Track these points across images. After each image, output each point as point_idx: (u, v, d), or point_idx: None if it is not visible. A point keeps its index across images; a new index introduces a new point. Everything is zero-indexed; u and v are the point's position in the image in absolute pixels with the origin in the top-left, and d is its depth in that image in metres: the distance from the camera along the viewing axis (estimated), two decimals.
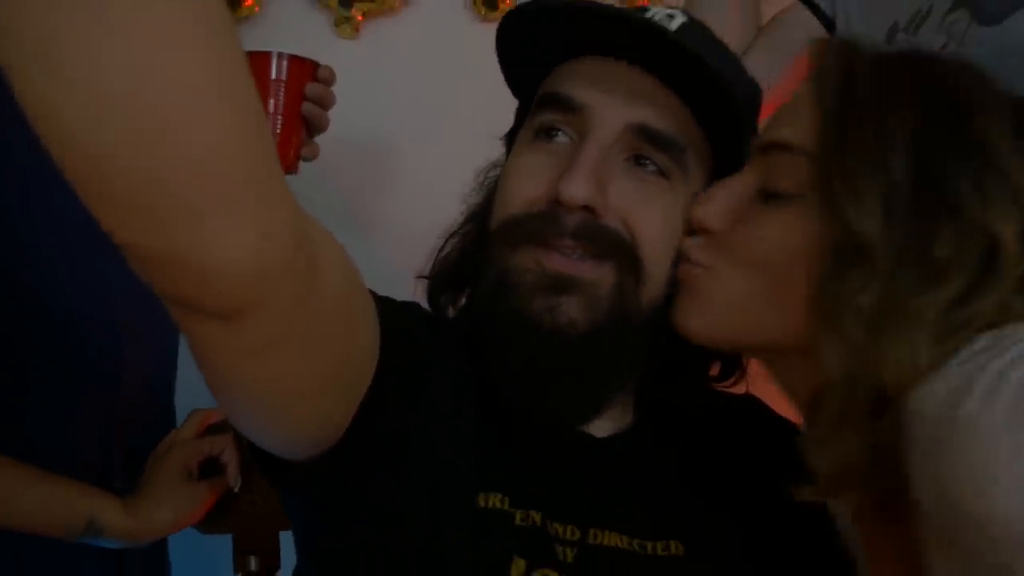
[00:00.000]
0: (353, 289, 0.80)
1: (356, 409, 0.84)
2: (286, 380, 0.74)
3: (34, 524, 1.20)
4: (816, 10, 1.33)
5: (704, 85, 0.88)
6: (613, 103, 0.90)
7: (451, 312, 1.03)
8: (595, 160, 0.89)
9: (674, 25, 0.90)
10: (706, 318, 0.85)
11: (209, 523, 1.35)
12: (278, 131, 1.32)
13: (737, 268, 0.83)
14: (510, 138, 1.01)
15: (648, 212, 0.90)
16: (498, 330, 0.90)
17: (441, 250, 1.04)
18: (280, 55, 1.32)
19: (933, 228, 0.76)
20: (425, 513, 0.87)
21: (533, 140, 0.93)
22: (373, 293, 0.88)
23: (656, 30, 0.87)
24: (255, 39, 1.78)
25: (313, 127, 1.36)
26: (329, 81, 1.35)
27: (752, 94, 0.97)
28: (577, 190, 0.87)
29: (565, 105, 0.91)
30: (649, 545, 0.91)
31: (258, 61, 1.31)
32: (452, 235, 1.03)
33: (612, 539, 0.91)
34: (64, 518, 1.23)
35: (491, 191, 0.98)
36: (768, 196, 0.83)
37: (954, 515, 0.67)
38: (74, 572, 1.29)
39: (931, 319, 0.74)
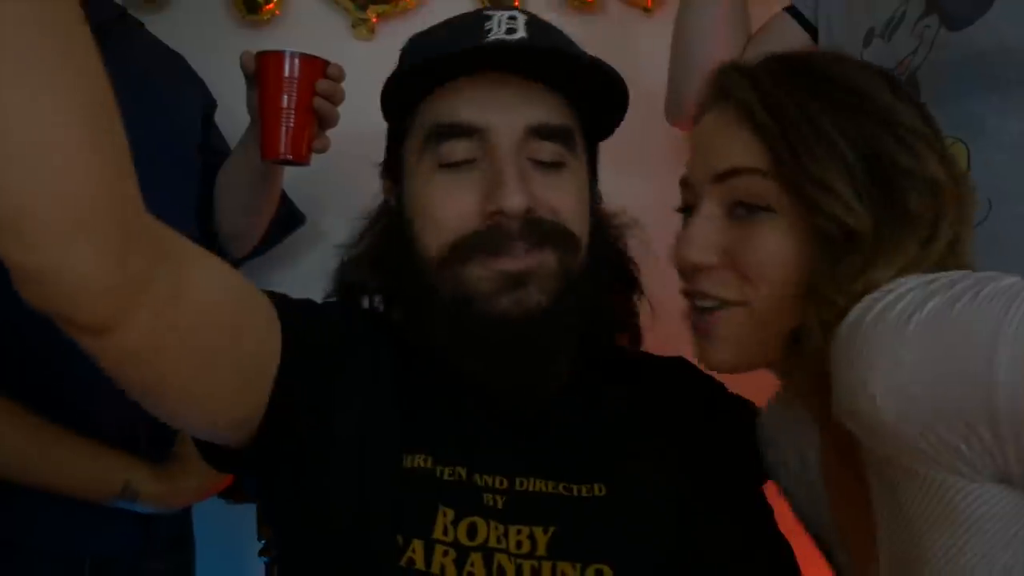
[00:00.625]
0: (235, 299, 0.91)
1: (267, 398, 0.97)
2: (169, 382, 0.84)
3: (74, 487, 1.31)
4: (800, 19, 1.42)
5: (567, 71, 1.02)
6: (507, 115, 1.02)
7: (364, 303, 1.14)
8: (516, 167, 1.01)
9: (519, 29, 1.03)
10: (732, 352, 0.96)
11: (234, 492, 1.46)
12: (292, 125, 1.42)
13: (758, 287, 0.93)
14: (393, 164, 1.13)
15: (564, 197, 1.04)
16: (471, 334, 1.02)
17: (352, 248, 1.16)
18: (292, 54, 1.41)
19: (900, 193, 0.89)
20: (353, 479, 1.00)
21: (438, 170, 1.04)
22: (274, 295, 1.02)
23: (510, 47, 1.01)
24: (276, 41, 1.83)
25: (324, 121, 1.45)
26: (338, 78, 1.43)
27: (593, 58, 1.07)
28: (520, 201, 1.01)
29: (463, 131, 1.03)
30: (575, 487, 1.04)
31: (272, 60, 1.41)
32: (362, 236, 1.17)
33: (538, 485, 1.04)
34: (102, 482, 1.34)
35: (397, 213, 1.11)
36: (738, 216, 0.94)
37: (850, 416, 0.80)
38: (102, 536, 1.40)
39: (907, 256, 0.86)
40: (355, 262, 1.15)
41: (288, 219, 1.76)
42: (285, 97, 1.41)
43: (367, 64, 1.38)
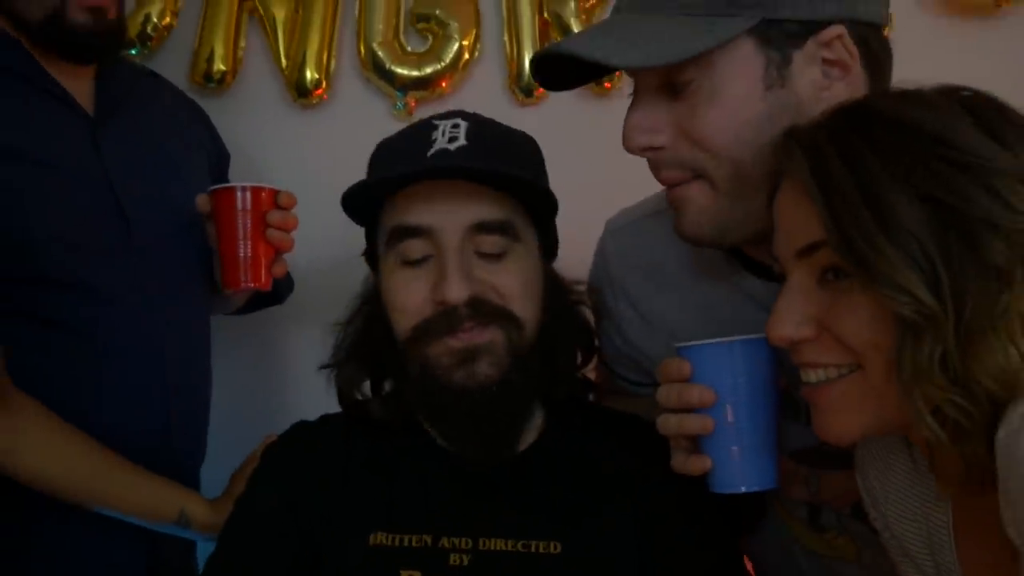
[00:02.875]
0: None
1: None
2: None
3: (135, 511, 1.47)
4: None
5: (504, 178, 1.15)
6: (450, 216, 1.15)
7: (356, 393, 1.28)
8: (459, 264, 1.14)
9: (460, 137, 1.16)
10: (852, 422, 0.93)
11: None
12: (249, 254, 1.48)
13: (863, 353, 0.89)
14: (371, 255, 1.27)
15: (508, 282, 1.16)
16: (434, 404, 1.17)
17: (342, 341, 1.30)
18: (243, 188, 1.47)
19: (978, 249, 0.81)
20: (332, 566, 1.16)
21: (401, 266, 1.18)
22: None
23: (448, 162, 1.15)
24: (324, 123, 2.08)
25: (278, 248, 1.51)
26: (289, 205, 1.50)
27: (532, 150, 1.24)
28: (459, 293, 1.13)
29: (416, 233, 1.16)
30: (533, 544, 1.16)
31: (224, 195, 1.48)
32: (348, 325, 1.30)
33: (499, 544, 1.17)
34: (161, 509, 1.49)
35: (374, 299, 1.25)
36: (828, 281, 0.92)
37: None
38: (105, 551, 1.53)
39: (1013, 318, 0.79)
40: (346, 353, 1.29)
41: (270, 297, 1.78)
42: (240, 228, 1.47)
43: None
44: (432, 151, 1.16)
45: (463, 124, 1.18)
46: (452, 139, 1.16)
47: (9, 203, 1.42)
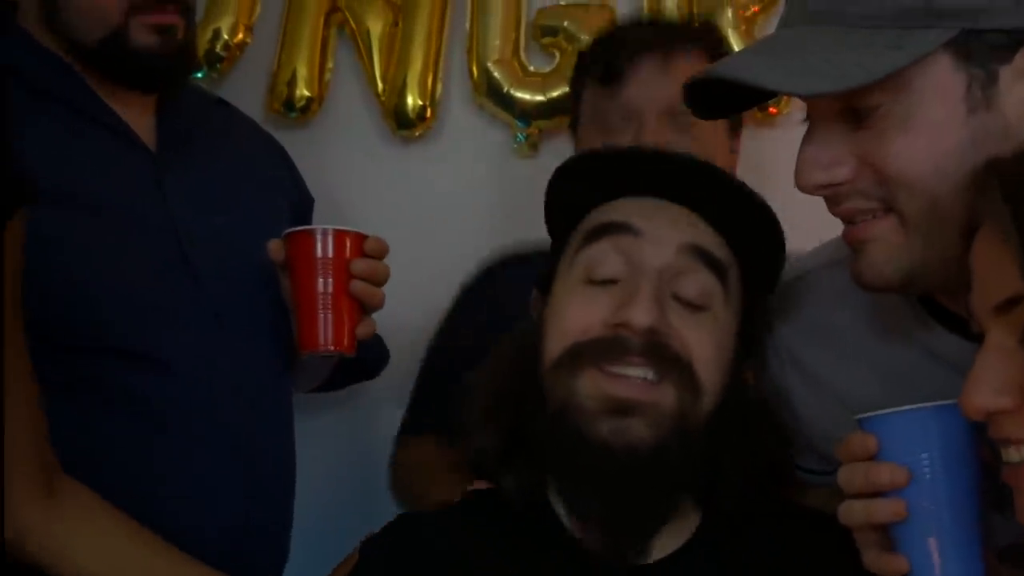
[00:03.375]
0: None
1: None
2: None
3: None
4: None
5: (737, 214, 1.12)
6: (665, 226, 1.12)
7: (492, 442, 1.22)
8: (655, 288, 1.10)
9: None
10: None
11: None
12: (330, 310, 1.43)
13: None
14: (547, 277, 1.21)
15: (700, 336, 1.11)
16: (568, 453, 1.10)
17: (474, 401, 1.22)
18: (324, 232, 1.43)
19: None
20: None
21: (583, 284, 1.13)
22: None
23: (695, 169, 1.12)
24: (429, 159, 1.98)
25: (366, 305, 1.47)
26: (379, 254, 1.47)
27: (772, 215, 1.19)
28: (645, 316, 1.08)
29: (623, 230, 1.12)
30: None
31: (302, 240, 1.44)
32: (483, 379, 1.22)
33: None
34: None
35: (532, 333, 1.19)
36: None
37: None
38: None
39: None
40: (481, 415, 1.20)
41: (360, 369, 1.74)
42: (320, 281, 1.42)
43: (528, 182, 1.44)
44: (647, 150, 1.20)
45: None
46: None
47: (61, 256, 1.39)
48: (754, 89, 1.05)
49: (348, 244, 1.43)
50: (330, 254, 1.42)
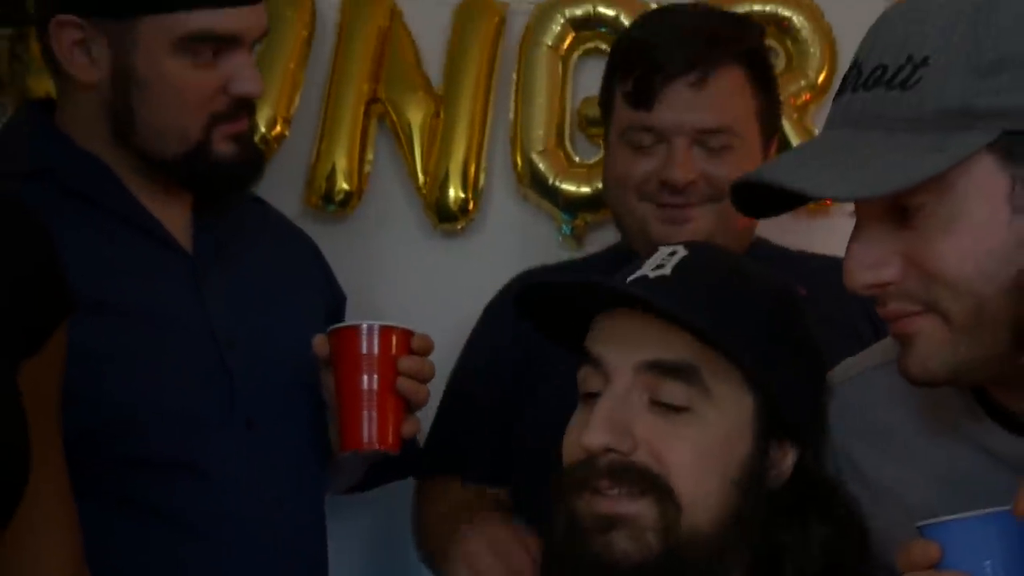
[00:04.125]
0: None
1: None
2: None
3: None
4: None
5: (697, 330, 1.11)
6: (622, 351, 1.13)
7: None
8: (610, 408, 1.11)
9: (668, 268, 1.13)
10: None
11: None
12: (375, 408, 1.41)
13: None
14: None
15: (676, 444, 1.10)
16: (573, 568, 1.12)
17: None
18: (370, 328, 1.42)
19: None
20: None
21: (583, 400, 1.16)
22: None
23: (641, 290, 1.12)
24: (471, 253, 1.96)
25: (411, 402, 1.45)
26: (425, 351, 1.46)
27: (770, 307, 1.18)
28: (592, 439, 1.09)
29: (591, 362, 1.15)
30: None
31: (347, 336, 1.43)
32: None
33: None
34: None
35: None
36: None
37: None
38: None
39: None
40: None
41: (395, 467, 1.71)
42: (364, 377, 1.41)
43: None
44: (632, 277, 1.15)
45: (681, 253, 1.16)
46: (658, 267, 1.15)
47: (100, 366, 1.38)
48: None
49: (394, 340, 1.42)
50: (376, 350, 1.41)
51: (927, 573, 1.00)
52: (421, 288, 1.92)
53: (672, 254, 1.17)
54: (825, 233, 1.77)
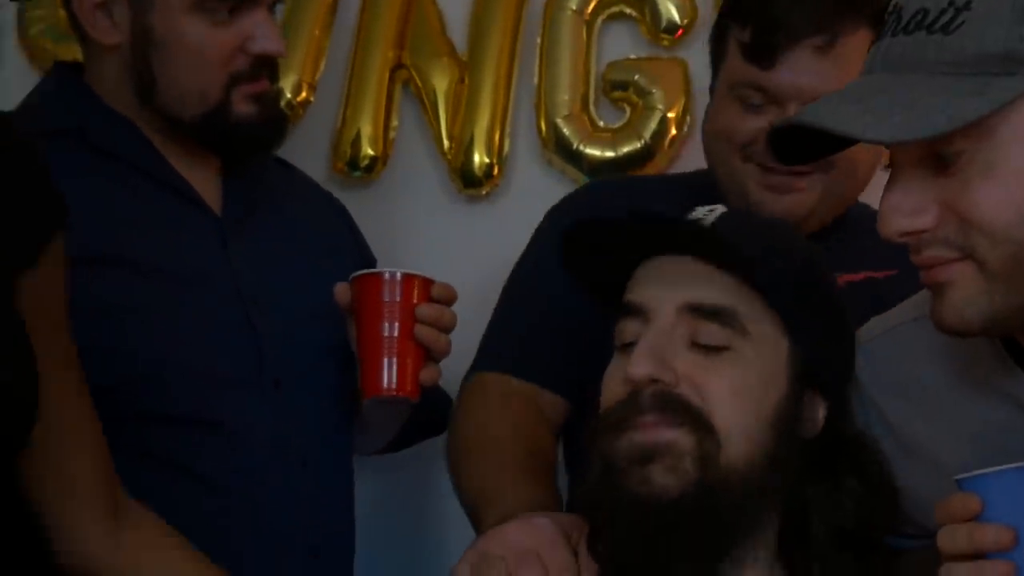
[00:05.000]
0: None
1: None
2: None
3: None
4: None
5: (740, 263, 1.14)
6: (664, 294, 1.16)
7: None
8: (653, 343, 1.13)
9: (712, 218, 1.16)
10: None
11: None
12: (395, 354, 1.43)
13: None
14: None
15: (715, 379, 1.13)
16: (609, 510, 1.12)
17: None
18: (392, 275, 1.44)
19: None
20: None
21: (618, 351, 1.18)
22: None
23: (694, 228, 1.15)
24: (496, 218, 1.96)
25: (431, 350, 1.46)
26: (447, 299, 1.47)
27: (806, 258, 1.22)
28: (638, 369, 1.11)
29: (630, 310, 1.17)
30: None
31: (369, 282, 1.45)
32: None
33: None
34: None
35: None
36: None
37: None
38: None
39: None
40: None
41: (424, 424, 1.72)
42: (385, 324, 1.43)
43: None
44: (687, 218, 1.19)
45: (720, 210, 1.18)
46: (699, 220, 1.17)
47: (123, 320, 1.40)
48: (839, 135, 1.05)
49: (415, 288, 1.42)
50: (397, 297, 1.42)
51: (968, 526, 1.01)
52: (446, 252, 1.92)
53: (711, 211, 1.19)
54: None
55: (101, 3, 1.44)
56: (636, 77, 1.92)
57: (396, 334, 1.42)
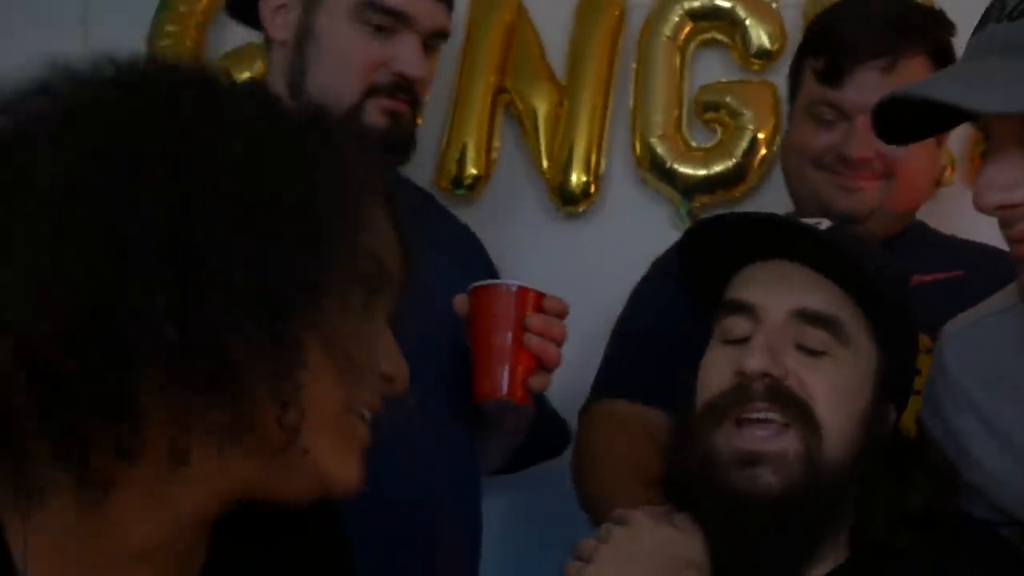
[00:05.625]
0: None
1: None
2: None
3: None
4: None
5: (850, 272, 1.21)
6: (776, 297, 1.23)
7: None
8: (767, 340, 1.20)
9: (823, 225, 1.24)
10: None
11: None
12: (508, 360, 1.46)
13: None
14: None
15: (819, 379, 1.19)
16: (709, 502, 1.19)
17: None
18: (509, 286, 1.48)
19: None
20: None
21: (722, 344, 1.24)
22: None
23: (808, 233, 1.23)
24: (592, 234, 2.01)
25: (541, 360, 1.49)
26: (557, 313, 1.49)
27: (897, 276, 1.31)
28: (756, 362, 1.18)
29: (741, 308, 1.24)
30: None
31: (487, 293, 1.48)
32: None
33: None
34: None
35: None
36: None
37: None
38: None
39: None
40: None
41: (541, 447, 1.73)
42: (499, 332, 1.47)
43: None
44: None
45: (827, 223, 1.26)
46: (817, 224, 1.25)
47: None
48: (940, 112, 1.05)
49: (527, 300, 1.46)
50: (512, 310, 1.46)
51: None
52: (544, 267, 1.94)
53: (818, 223, 1.25)
54: (932, 218, 1.78)
55: (281, 4, 1.55)
56: (728, 99, 1.96)
57: (508, 342, 1.47)
